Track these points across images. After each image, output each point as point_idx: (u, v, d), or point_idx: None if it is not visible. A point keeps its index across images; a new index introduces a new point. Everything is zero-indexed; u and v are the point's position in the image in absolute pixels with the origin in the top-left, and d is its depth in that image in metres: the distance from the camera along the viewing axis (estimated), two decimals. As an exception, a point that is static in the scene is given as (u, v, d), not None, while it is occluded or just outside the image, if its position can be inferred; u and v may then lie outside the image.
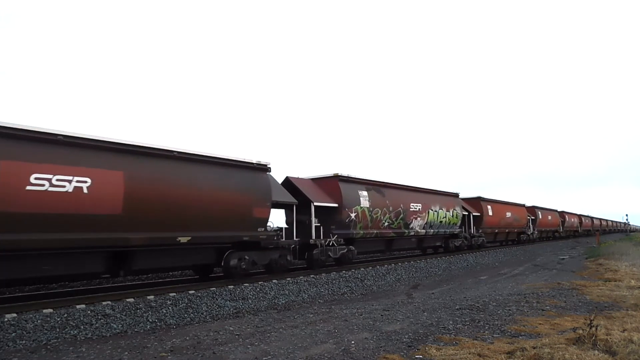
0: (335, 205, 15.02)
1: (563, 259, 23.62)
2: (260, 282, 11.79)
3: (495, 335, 6.53)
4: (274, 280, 12.25)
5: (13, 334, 7.01)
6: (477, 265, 21.15)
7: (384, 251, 18.81)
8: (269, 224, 12.57)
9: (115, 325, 8.00)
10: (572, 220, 52.67)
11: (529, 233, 35.91)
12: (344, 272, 14.57)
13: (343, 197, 15.25)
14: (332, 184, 15.55)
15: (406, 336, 6.51)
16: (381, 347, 5.98)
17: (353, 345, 6.05)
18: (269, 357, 5.65)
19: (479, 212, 26.67)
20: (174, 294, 9.92)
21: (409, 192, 19.48)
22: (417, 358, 5.43)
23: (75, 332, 7.51)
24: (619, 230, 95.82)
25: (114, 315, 8.27)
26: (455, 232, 23.34)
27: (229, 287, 11.00)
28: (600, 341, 5.73)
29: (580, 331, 6.01)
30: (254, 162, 12.36)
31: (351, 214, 15.43)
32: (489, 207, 28.17)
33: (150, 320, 8.51)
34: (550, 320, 7.54)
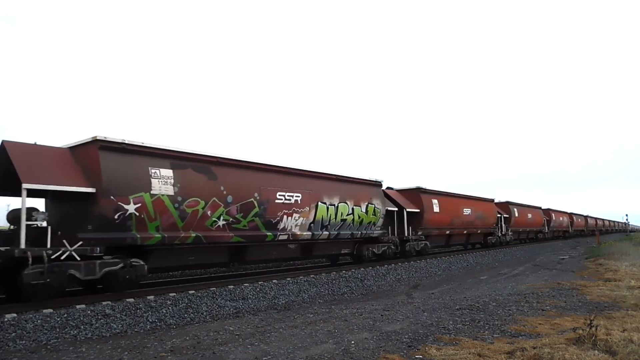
0: (92, 190, 8.97)
1: (563, 259, 23.61)
2: (260, 282, 11.80)
3: (495, 335, 6.53)
4: (274, 280, 12.26)
5: (13, 334, 7.01)
6: (477, 265, 21.15)
7: (230, 264, 12.57)
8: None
9: (115, 325, 8.00)
10: (561, 219, 48.32)
11: (499, 235, 30.36)
12: (344, 272, 14.57)
13: (103, 176, 9.04)
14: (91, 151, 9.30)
15: (406, 336, 6.50)
16: (381, 347, 5.98)
17: (353, 345, 6.05)
18: (269, 357, 5.65)
19: (417, 208, 20.64)
20: (174, 294, 9.92)
21: (274, 176, 12.77)
22: (417, 358, 5.43)
23: (75, 332, 7.51)
24: (619, 230, 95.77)
25: (114, 315, 8.27)
26: (373, 235, 17.09)
27: (229, 287, 11.01)
28: (600, 341, 5.73)
29: (580, 331, 6.01)
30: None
31: (127, 206, 9.30)
32: (434, 201, 21.80)
33: (150, 320, 8.51)
34: (550, 320, 7.54)
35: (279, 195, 12.77)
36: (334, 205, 14.87)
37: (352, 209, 15.69)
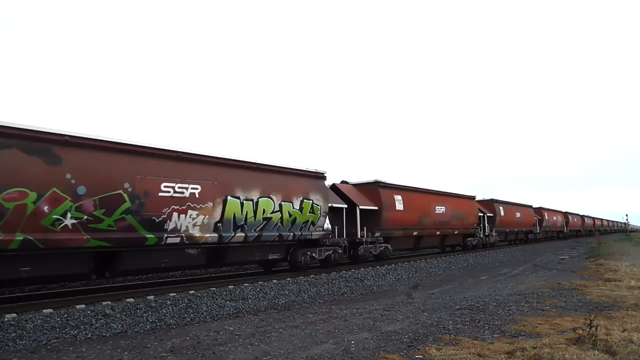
0: None
1: (563, 259, 23.62)
2: (260, 282, 11.80)
3: (495, 335, 6.52)
4: (274, 280, 12.26)
5: (13, 334, 7.01)
6: (477, 265, 21.15)
7: (93, 276, 10.00)
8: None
9: (115, 325, 8.00)
10: (555, 218, 45.27)
11: (482, 236, 27.40)
12: (344, 272, 14.57)
13: None
14: None
15: (406, 336, 6.50)
16: (381, 347, 5.98)
17: (353, 345, 6.05)
18: (269, 357, 5.65)
19: (375, 205, 17.31)
20: (174, 294, 9.93)
21: (158, 162, 9.97)
22: (417, 358, 5.43)
23: (75, 332, 7.51)
24: (618, 231, 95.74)
25: (114, 315, 8.27)
26: (312, 237, 14.10)
27: (229, 287, 11.01)
28: (600, 341, 5.73)
29: (580, 331, 6.01)
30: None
31: None
32: (397, 197, 18.56)
33: (150, 320, 8.51)
34: (550, 320, 7.54)
35: (166, 186, 9.91)
36: (253, 200, 11.84)
37: (280, 205, 12.69)
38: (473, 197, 26.44)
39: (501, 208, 30.53)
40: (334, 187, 16.87)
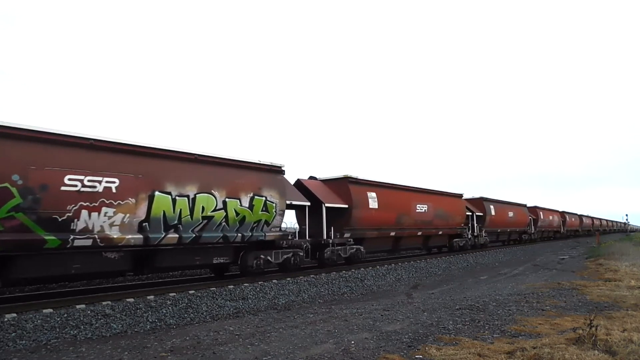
0: None
1: (563, 259, 23.62)
2: (260, 282, 11.81)
3: (495, 335, 6.52)
4: (274, 280, 12.26)
5: (13, 334, 7.01)
6: (477, 265, 21.16)
7: None
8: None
9: (115, 325, 8.00)
10: (551, 218, 43.38)
11: (470, 236, 25.53)
12: (343, 272, 14.57)
13: None
14: None
15: (406, 336, 6.50)
16: (381, 347, 5.98)
17: (353, 345, 6.05)
18: (269, 357, 5.65)
19: (344, 203, 15.67)
20: (174, 294, 9.93)
21: (60, 150, 8.53)
22: (417, 358, 5.43)
23: (75, 332, 7.51)
24: (618, 230, 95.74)
25: (114, 315, 8.28)
26: (266, 239, 12.50)
27: (229, 287, 11.02)
28: (600, 341, 5.73)
29: (580, 331, 6.01)
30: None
31: None
32: (371, 194, 16.74)
33: (150, 320, 8.51)
34: (550, 320, 7.54)
35: (71, 179, 8.47)
36: (188, 196, 10.39)
37: (224, 202, 11.19)
38: (460, 195, 25.00)
39: (492, 207, 28.83)
40: (298, 183, 15.60)
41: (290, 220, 16.92)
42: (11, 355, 6.24)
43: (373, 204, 16.83)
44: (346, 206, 15.64)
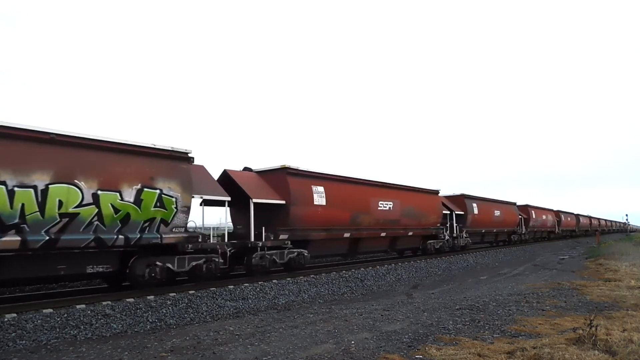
0: None
1: (563, 259, 23.64)
2: (260, 282, 11.81)
3: (495, 335, 6.53)
4: (274, 280, 12.26)
5: (13, 334, 7.02)
6: (477, 265, 21.17)
7: None
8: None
9: (115, 325, 8.01)
10: (544, 217, 41.03)
11: (448, 238, 23.72)
12: (344, 272, 14.57)
13: None
14: None
15: (406, 336, 6.51)
16: (381, 347, 5.98)
17: (353, 345, 6.05)
18: (269, 357, 5.65)
19: (281, 199, 13.40)
20: (174, 294, 9.93)
21: None
22: (417, 358, 5.43)
23: (75, 332, 7.52)
24: (618, 231, 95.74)
25: (114, 315, 8.28)
26: (162, 242, 10.10)
27: (229, 287, 11.02)
28: (600, 341, 5.74)
29: (580, 331, 6.02)
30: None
31: None
32: (317, 188, 14.46)
33: (150, 320, 8.52)
34: (550, 320, 7.55)
35: None
36: (36, 187, 8.17)
37: (96, 195, 8.98)
38: (436, 192, 22.73)
39: (474, 205, 26.38)
40: (224, 175, 13.42)
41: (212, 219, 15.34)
42: (11, 355, 6.24)
43: (319, 199, 14.42)
44: (283, 202, 13.30)
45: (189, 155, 10.91)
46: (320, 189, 14.57)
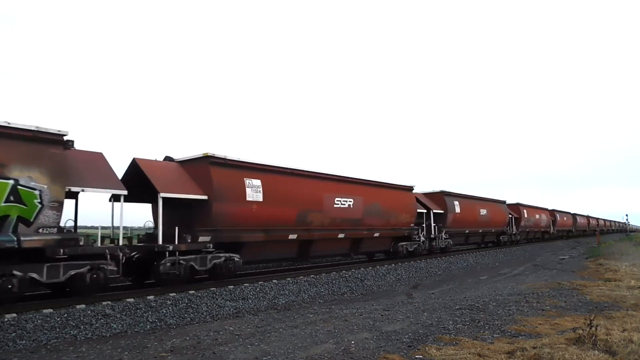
0: None
1: (563, 259, 23.64)
2: (260, 282, 11.81)
3: (495, 335, 6.53)
4: (274, 280, 12.26)
5: (13, 334, 7.02)
6: (477, 265, 21.17)
7: None
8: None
9: (115, 325, 8.01)
10: (537, 217, 38.94)
11: (424, 239, 21.41)
12: (344, 272, 14.57)
13: None
14: None
15: (406, 336, 6.50)
16: (381, 347, 5.98)
17: (353, 345, 6.05)
18: (269, 357, 5.65)
19: (203, 194, 11.21)
20: (174, 294, 9.93)
21: None
22: (417, 358, 5.43)
23: (75, 332, 7.52)
24: (618, 230, 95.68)
25: (114, 315, 8.28)
26: (21, 247, 7.98)
27: (229, 287, 11.02)
28: (600, 341, 5.74)
29: (580, 331, 6.02)
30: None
31: None
32: (252, 182, 12.21)
33: (150, 320, 8.51)
34: (550, 320, 7.55)
35: None
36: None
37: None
38: (410, 188, 20.24)
39: (456, 203, 24.02)
40: (133, 164, 11.38)
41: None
42: (11, 355, 6.24)
43: (254, 195, 12.19)
44: (204, 197, 11.11)
45: (65, 138, 8.88)
46: (256, 182, 12.32)
